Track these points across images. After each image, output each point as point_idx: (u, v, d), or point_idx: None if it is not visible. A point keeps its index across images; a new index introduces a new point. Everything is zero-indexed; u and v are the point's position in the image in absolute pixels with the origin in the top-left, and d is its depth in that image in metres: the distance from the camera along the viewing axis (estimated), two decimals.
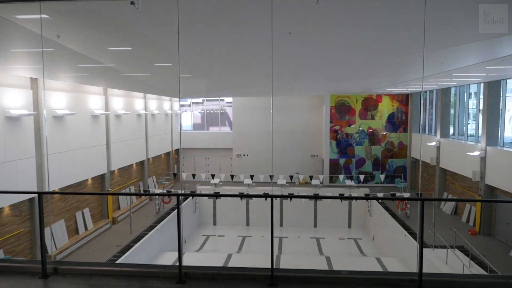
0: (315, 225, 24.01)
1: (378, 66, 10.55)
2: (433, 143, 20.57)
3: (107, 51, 8.47)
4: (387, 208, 20.09)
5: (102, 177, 17.58)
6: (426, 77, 14.60)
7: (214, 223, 24.41)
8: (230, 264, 16.26)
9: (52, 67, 11.06)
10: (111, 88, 17.76)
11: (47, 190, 13.03)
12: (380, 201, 20.95)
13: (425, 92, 24.18)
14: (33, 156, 12.57)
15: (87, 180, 16.36)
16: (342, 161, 26.80)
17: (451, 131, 20.32)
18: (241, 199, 20.70)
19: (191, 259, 17.29)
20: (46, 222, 13.68)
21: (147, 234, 16.58)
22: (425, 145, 22.32)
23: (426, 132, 24.15)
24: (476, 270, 12.49)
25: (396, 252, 17.68)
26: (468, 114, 18.97)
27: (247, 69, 11.75)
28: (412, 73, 12.78)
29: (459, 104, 19.71)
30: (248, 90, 21.79)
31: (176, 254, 17.80)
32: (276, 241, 21.83)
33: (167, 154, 27.66)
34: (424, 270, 12.46)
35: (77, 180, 15.24)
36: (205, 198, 22.89)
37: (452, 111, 20.19)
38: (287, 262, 16.72)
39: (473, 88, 18.29)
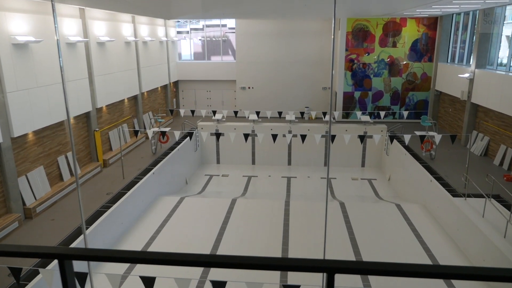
0: (325, 164, 22.30)
1: None
2: (466, 75, 17.88)
3: None
4: (407, 148, 18.08)
5: (87, 115, 15.44)
6: None
7: (218, 162, 22.77)
8: (234, 213, 14.71)
9: None
10: (81, 6, 14.69)
11: (13, 134, 10.99)
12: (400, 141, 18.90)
13: (458, 14, 20.86)
14: None
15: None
16: (357, 94, 24.26)
17: (489, 60, 17.50)
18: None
19: (192, 205, 15.79)
20: (21, 171, 11.85)
21: (142, 178, 14.88)
22: (454, 77, 19.62)
23: (456, 61, 21.25)
24: None
25: (417, 197, 15.98)
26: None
27: None
28: None
29: (502, 27, 16.66)
30: (255, 7, 18.39)
31: (176, 199, 16.33)
32: (284, 181, 20.25)
33: (164, 87, 25.20)
34: (456, 223, 10.14)
35: (55, 121, 13.11)
36: (207, 134, 20.87)
37: (493, 37, 17.17)
38: (298, 208, 15.19)
39: None
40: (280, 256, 11.47)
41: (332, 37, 3.68)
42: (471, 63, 18.29)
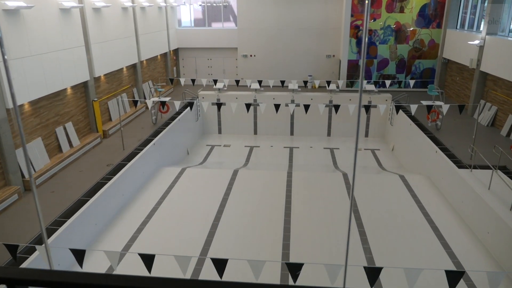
0: (328, 134, 22.01)
1: None
2: (476, 42, 17.22)
3: None
4: (413, 118, 17.71)
5: (84, 85, 15.02)
6: None
7: (219, 132, 22.49)
8: (236, 184, 14.57)
9: None
10: None
11: (8, 105, 10.68)
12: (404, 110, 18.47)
13: None
14: None
15: (65, 90, 13.84)
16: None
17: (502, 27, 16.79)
18: None
19: (194, 176, 15.65)
20: (18, 143, 11.61)
21: (142, 149, 14.67)
22: (463, 44, 18.93)
23: (466, 28, 20.46)
24: None
25: (421, 168, 15.77)
26: None
27: None
28: None
29: None
30: None
31: (177, 170, 16.17)
32: (286, 152, 20.04)
33: (164, 55, 24.53)
34: (461, 195, 9.94)
35: (51, 91, 12.74)
36: (208, 104, 20.47)
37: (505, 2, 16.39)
38: (300, 180, 15.02)
39: None
40: (282, 227, 11.42)
41: (367, 2, 3.22)
42: (481, 29, 17.59)
